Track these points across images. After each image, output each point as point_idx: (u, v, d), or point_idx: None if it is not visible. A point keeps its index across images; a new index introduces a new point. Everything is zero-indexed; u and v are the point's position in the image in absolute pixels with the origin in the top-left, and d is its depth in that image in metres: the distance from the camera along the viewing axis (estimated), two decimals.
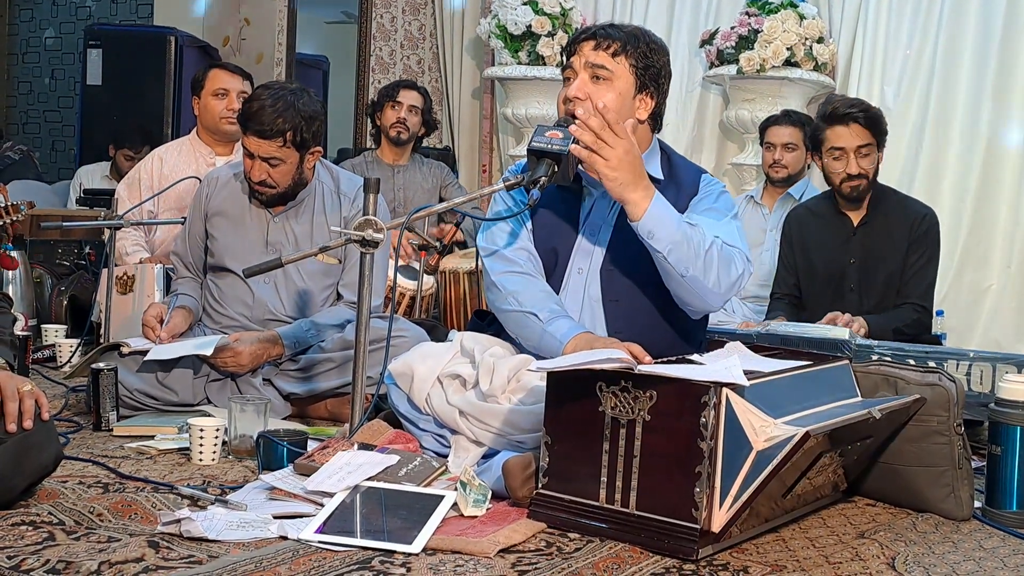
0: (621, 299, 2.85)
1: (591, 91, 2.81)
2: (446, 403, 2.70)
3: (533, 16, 6.21)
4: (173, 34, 7.27)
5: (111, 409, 3.13)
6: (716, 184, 2.97)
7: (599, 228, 2.90)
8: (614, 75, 2.81)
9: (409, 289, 4.59)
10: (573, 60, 2.85)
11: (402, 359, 2.83)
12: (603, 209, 2.91)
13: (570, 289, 2.89)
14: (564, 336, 2.71)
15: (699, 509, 2.15)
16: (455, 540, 2.18)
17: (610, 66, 2.81)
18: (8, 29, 9.81)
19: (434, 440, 2.76)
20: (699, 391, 2.16)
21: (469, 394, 2.68)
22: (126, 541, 2.10)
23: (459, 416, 2.67)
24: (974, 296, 5.46)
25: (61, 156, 9.55)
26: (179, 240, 3.78)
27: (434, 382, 2.74)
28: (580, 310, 2.87)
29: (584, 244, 2.90)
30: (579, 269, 2.89)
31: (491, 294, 2.93)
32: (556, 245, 2.91)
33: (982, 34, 5.52)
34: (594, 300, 2.87)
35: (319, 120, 3.49)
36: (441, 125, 7.15)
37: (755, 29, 5.72)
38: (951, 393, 2.57)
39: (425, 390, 2.75)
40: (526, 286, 2.86)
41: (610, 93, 2.81)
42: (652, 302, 2.85)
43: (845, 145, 3.80)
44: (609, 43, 2.82)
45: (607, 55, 2.82)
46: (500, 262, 2.92)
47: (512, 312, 2.84)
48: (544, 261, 2.93)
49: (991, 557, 2.28)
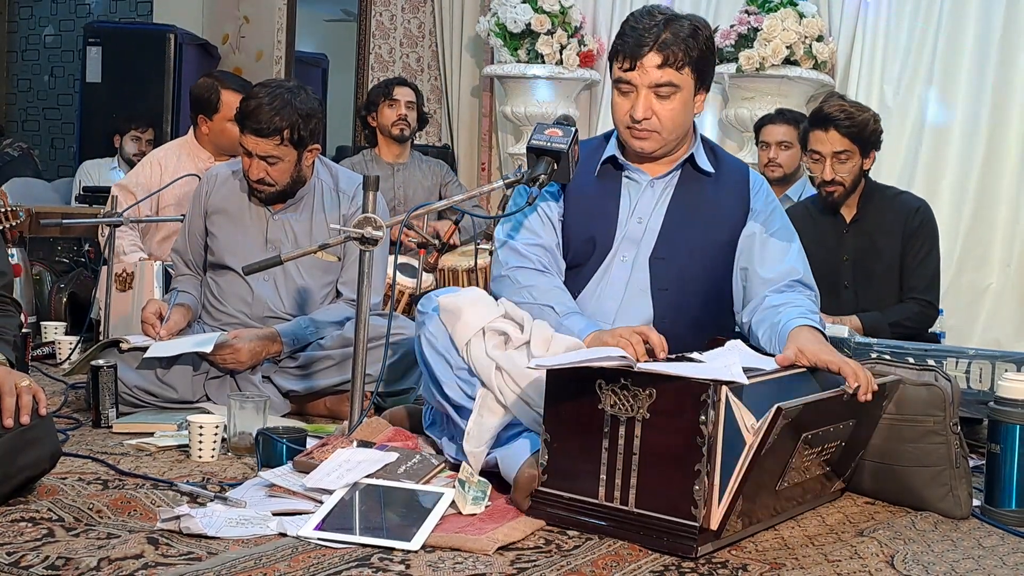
0: (671, 288, 2.82)
1: (657, 109, 2.77)
2: (485, 355, 2.61)
3: (532, 14, 6.21)
4: (173, 32, 7.26)
5: (110, 406, 3.13)
6: (763, 184, 2.96)
7: (648, 216, 2.87)
8: (680, 88, 2.77)
9: (408, 287, 4.59)
10: (634, 76, 2.76)
11: (451, 297, 2.73)
12: (652, 197, 2.89)
13: (612, 278, 2.85)
14: (581, 332, 2.66)
15: (698, 507, 2.15)
16: (454, 537, 2.18)
17: (676, 80, 2.76)
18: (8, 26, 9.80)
19: (458, 388, 2.66)
20: (699, 389, 2.16)
21: (513, 353, 2.60)
22: (125, 538, 2.11)
23: (495, 371, 2.57)
24: (974, 295, 5.46)
25: (60, 153, 9.55)
26: (179, 238, 3.78)
27: (478, 332, 2.65)
28: (621, 299, 2.83)
29: (631, 232, 2.86)
30: (623, 257, 2.86)
31: (501, 286, 2.86)
32: (595, 234, 2.87)
33: (982, 33, 5.52)
34: (640, 289, 2.83)
35: (316, 118, 3.49)
36: (433, 115, 7.15)
37: (754, 27, 5.72)
38: (947, 393, 2.57)
39: (467, 336, 2.65)
40: (541, 281, 2.82)
41: (675, 104, 2.78)
42: (699, 292, 2.85)
43: (822, 150, 3.76)
44: (674, 56, 2.74)
45: (674, 71, 2.75)
46: (514, 256, 2.86)
47: (526, 305, 2.78)
48: (579, 250, 2.88)
49: (990, 555, 2.28)
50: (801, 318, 2.65)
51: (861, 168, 3.80)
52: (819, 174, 3.79)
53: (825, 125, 3.75)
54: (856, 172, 3.78)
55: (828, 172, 3.75)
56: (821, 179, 3.79)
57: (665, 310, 2.81)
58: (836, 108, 3.78)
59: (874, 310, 3.76)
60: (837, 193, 3.79)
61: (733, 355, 2.44)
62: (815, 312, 2.72)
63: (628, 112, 2.79)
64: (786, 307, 2.72)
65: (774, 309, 2.73)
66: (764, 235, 2.84)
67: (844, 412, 2.42)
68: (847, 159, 3.75)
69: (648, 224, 2.86)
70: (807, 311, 2.70)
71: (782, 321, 2.66)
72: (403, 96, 5.33)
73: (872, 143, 3.80)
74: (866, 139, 3.77)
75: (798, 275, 2.82)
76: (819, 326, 2.64)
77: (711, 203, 2.87)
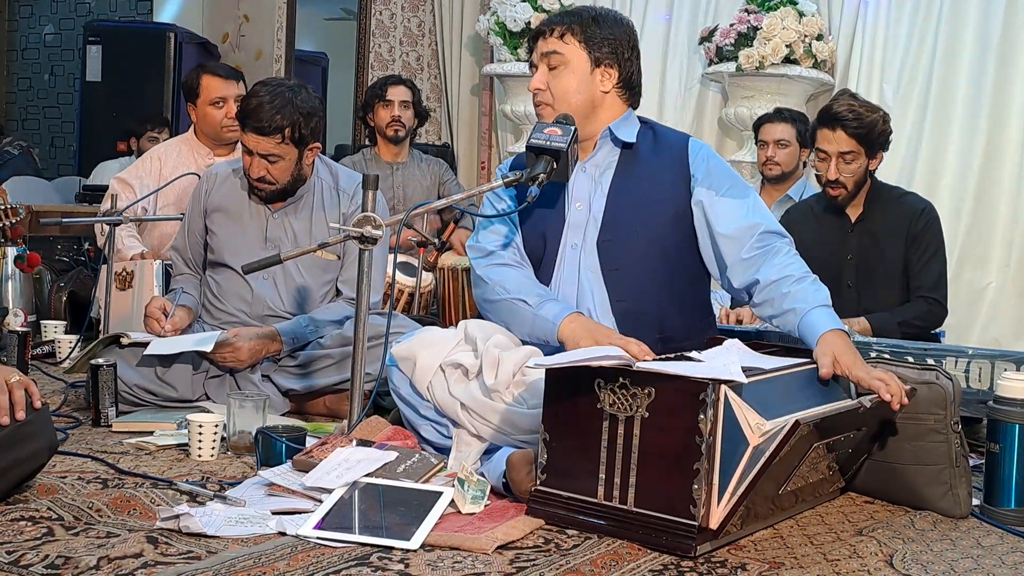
0: (621, 267, 2.85)
1: (548, 79, 2.88)
2: (448, 394, 2.69)
3: (532, 13, 6.21)
4: (172, 30, 7.27)
5: (110, 405, 3.13)
6: (702, 148, 2.97)
7: (589, 199, 2.90)
8: (567, 58, 2.87)
9: (408, 286, 4.60)
10: (533, 56, 2.94)
11: (405, 343, 2.81)
12: (588, 180, 2.92)
13: (565, 266, 2.89)
14: (556, 318, 2.73)
15: (697, 506, 2.15)
16: (453, 536, 2.18)
17: (561, 50, 2.88)
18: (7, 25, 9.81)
19: (433, 430, 2.75)
20: (697, 388, 2.16)
21: (472, 386, 2.66)
22: (125, 537, 2.11)
23: (460, 409, 2.65)
24: (973, 294, 5.45)
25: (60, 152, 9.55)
26: (178, 236, 3.78)
27: (436, 371, 2.73)
28: (577, 284, 2.86)
29: (575, 218, 2.90)
30: (572, 244, 2.89)
31: (478, 289, 2.95)
32: (544, 229, 2.92)
33: (981, 32, 5.52)
34: (592, 271, 2.86)
35: (317, 116, 3.49)
36: (433, 114, 7.14)
37: (754, 26, 5.72)
38: (948, 391, 2.57)
39: (427, 378, 2.73)
40: (511, 275, 2.88)
41: (566, 76, 2.88)
42: (653, 268, 2.85)
43: (828, 149, 3.75)
44: (553, 28, 2.89)
45: (556, 40, 2.88)
46: (484, 257, 2.94)
47: (501, 301, 2.85)
48: (534, 247, 2.93)
49: (989, 555, 2.28)
50: (820, 309, 2.66)
51: (867, 169, 3.78)
52: (824, 173, 3.78)
53: (833, 124, 3.73)
54: (861, 173, 3.77)
55: (833, 171, 3.74)
56: (826, 178, 3.78)
57: (619, 290, 2.83)
58: (846, 108, 3.74)
59: (877, 310, 3.75)
60: (841, 196, 3.78)
61: (732, 354, 2.44)
62: (818, 283, 2.75)
63: (528, 86, 2.97)
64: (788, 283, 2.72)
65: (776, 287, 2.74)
66: (715, 197, 2.86)
67: (857, 422, 2.43)
68: (852, 160, 3.73)
69: (591, 208, 2.90)
70: (815, 291, 2.71)
71: (799, 310, 2.67)
72: (396, 96, 5.29)
73: (880, 144, 3.78)
74: (873, 140, 3.74)
75: (763, 227, 2.83)
76: (844, 327, 2.65)
77: (649, 179, 2.89)
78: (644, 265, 2.85)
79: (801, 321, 2.66)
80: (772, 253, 2.79)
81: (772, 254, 2.79)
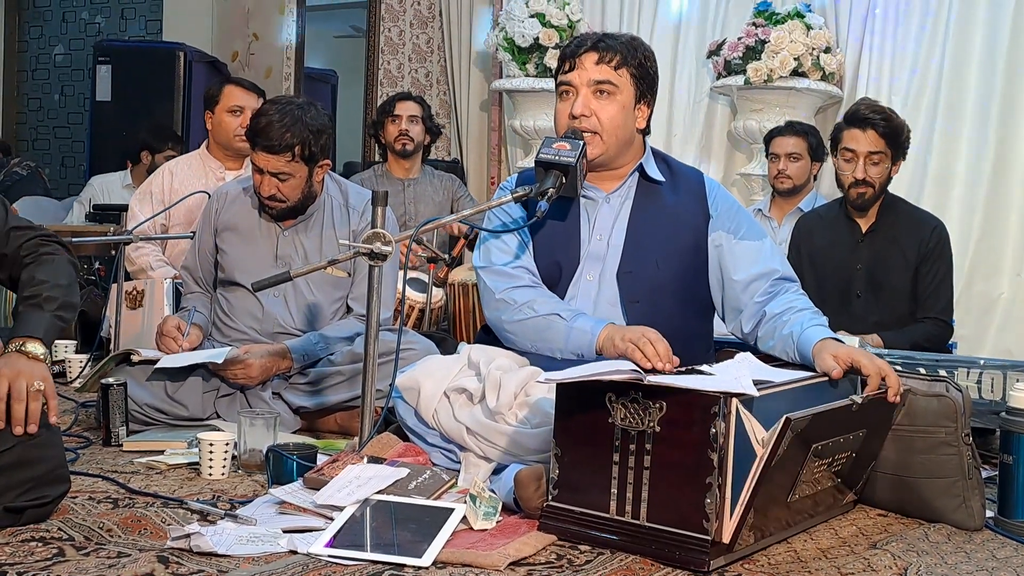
0: (642, 300, 2.86)
1: (595, 107, 2.85)
2: (453, 419, 2.70)
3: (540, 28, 6.22)
4: (182, 50, 7.29)
5: (121, 424, 3.13)
6: (718, 188, 3.01)
7: (609, 232, 2.90)
8: (618, 89, 2.85)
9: (418, 302, 4.59)
10: (573, 76, 2.87)
11: (409, 373, 2.82)
12: (610, 213, 2.92)
13: (579, 298, 2.89)
14: (593, 330, 2.71)
15: (710, 520, 2.14)
16: (465, 553, 2.17)
17: (614, 80, 2.84)
18: (18, 46, 9.85)
19: (442, 456, 2.76)
20: (709, 402, 2.16)
21: (476, 410, 2.67)
22: (136, 556, 2.11)
23: (467, 433, 2.66)
24: (985, 305, 5.44)
25: (71, 172, 9.58)
26: (188, 255, 3.79)
27: (441, 397, 2.73)
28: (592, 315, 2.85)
29: (594, 251, 2.90)
30: (588, 276, 2.89)
31: (496, 311, 2.90)
32: (559, 258, 2.91)
33: (989, 44, 5.51)
34: (610, 304, 2.87)
35: (327, 133, 3.50)
36: (445, 130, 7.16)
37: (762, 39, 5.71)
38: (958, 404, 2.56)
39: (432, 406, 2.74)
40: (538, 295, 2.87)
41: (613, 107, 2.85)
42: (672, 300, 2.88)
43: (856, 148, 3.79)
44: (611, 56, 2.85)
45: (610, 68, 2.84)
46: (502, 279, 2.91)
47: (529, 320, 2.82)
48: (547, 274, 2.92)
49: (1004, 567, 2.27)
50: (816, 327, 2.70)
51: (890, 174, 3.82)
52: (851, 172, 3.81)
53: (863, 124, 3.80)
54: (885, 177, 3.83)
55: (861, 171, 3.79)
56: (853, 178, 3.81)
57: (640, 321, 2.82)
58: (874, 109, 3.84)
59: (884, 320, 3.75)
60: (868, 194, 3.82)
61: (743, 367, 2.43)
62: (819, 314, 2.79)
63: (568, 112, 2.86)
64: (790, 313, 2.78)
65: (778, 318, 2.78)
66: (733, 241, 2.90)
67: (854, 422, 2.42)
68: (880, 161, 3.80)
69: (610, 240, 2.90)
70: (813, 316, 2.76)
71: (795, 332, 2.71)
72: (404, 111, 5.32)
73: (903, 150, 3.87)
74: (899, 144, 3.83)
75: (778, 273, 2.88)
76: (834, 336, 2.67)
77: (670, 211, 2.91)
78: (661, 297, 2.87)
79: (799, 340, 2.68)
80: (780, 293, 2.85)
81: (779, 294, 2.85)
